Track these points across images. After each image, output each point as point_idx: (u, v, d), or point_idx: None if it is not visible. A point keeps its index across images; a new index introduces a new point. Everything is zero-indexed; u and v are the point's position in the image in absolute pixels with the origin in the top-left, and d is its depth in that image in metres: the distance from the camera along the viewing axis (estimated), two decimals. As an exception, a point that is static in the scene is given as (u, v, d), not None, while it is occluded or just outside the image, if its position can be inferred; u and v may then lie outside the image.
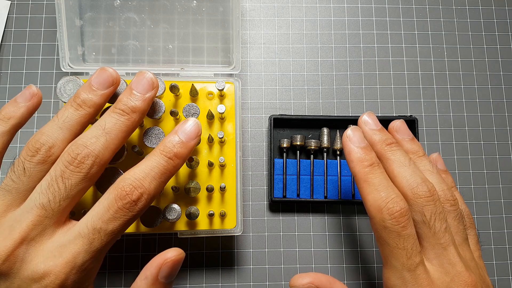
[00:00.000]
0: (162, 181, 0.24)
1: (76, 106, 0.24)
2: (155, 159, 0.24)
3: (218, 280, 0.35)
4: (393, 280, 0.25)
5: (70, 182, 0.22)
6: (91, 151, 0.23)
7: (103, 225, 0.22)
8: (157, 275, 0.23)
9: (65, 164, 0.22)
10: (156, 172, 0.23)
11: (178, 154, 0.24)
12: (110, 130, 0.24)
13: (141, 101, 0.25)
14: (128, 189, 0.22)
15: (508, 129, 0.39)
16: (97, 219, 0.22)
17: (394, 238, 0.24)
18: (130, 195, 0.22)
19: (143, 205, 0.23)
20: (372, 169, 0.26)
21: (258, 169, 0.37)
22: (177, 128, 0.25)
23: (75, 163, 0.22)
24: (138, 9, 0.36)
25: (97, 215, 0.22)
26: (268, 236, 0.36)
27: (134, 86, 0.25)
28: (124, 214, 0.22)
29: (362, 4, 0.41)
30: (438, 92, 0.40)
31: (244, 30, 0.40)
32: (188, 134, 0.25)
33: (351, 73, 0.40)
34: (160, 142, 0.25)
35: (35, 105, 0.26)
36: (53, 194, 0.22)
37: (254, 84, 0.39)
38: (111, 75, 0.25)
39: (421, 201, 0.25)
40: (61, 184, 0.22)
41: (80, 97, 0.25)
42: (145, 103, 0.25)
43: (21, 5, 0.38)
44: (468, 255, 0.26)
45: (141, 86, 0.25)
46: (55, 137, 0.23)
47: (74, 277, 0.22)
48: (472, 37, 0.41)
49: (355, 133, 0.28)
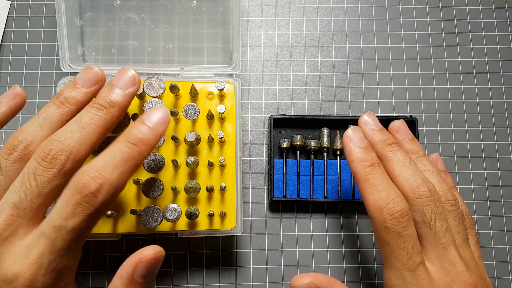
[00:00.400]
0: (126, 170, 0.22)
1: (59, 104, 0.24)
2: (118, 147, 0.22)
3: (218, 280, 0.35)
4: (394, 281, 0.25)
5: (42, 179, 0.21)
6: (65, 146, 0.22)
7: (62, 222, 0.20)
8: (133, 274, 0.21)
9: (37, 161, 0.21)
10: (119, 160, 0.21)
11: (145, 140, 0.22)
12: (87, 125, 0.23)
13: (121, 96, 0.24)
14: (85, 181, 0.20)
15: (508, 129, 0.39)
16: (57, 217, 0.21)
17: (395, 238, 0.24)
18: (88, 187, 0.20)
19: (104, 197, 0.21)
20: (372, 169, 0.26)
21: (258, 169, 0.37)
22: (142, 116, 0.24)
23: (48, 159, 0.21)
24: (138, 9, 0.36)
25: (56, 213, 0.21)
26: (268, 236, 0.36)
27: (115, 82, 0.25)
28: (84, 209, 0.20)
29: (362, 4, 0.41)
30: (438, 92, 0.40)
31: (244, 30, 0.40)
32: (155, 121, 0.23)
33: (351, 73, 0.40)
34: (124, 131, 0.24)
35: (18, 104, 0.26)
36: (25, 192, 0.21)
37: (254, 84, 0.39)
38: (96, 73, 0.25)
39: (421, 201, 0.25)
40: (33, 182, 0.21)
41: (64, 94, 0.24)
42: (125, 99, 0.24)
43: (21, 5, 0.38)
44: (469, 255, 0.26)
45: (122, 82, 0.25)
46: (34, 135, 0.23)
47: (43, 278, 0.21)
48: (472, 37, 0.41)
49: (355, 133, 0.27)
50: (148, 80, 0.30)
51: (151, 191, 0.29)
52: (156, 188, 0.29)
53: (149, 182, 0.29)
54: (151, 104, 0.30)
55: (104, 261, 0.35)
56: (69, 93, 0.24)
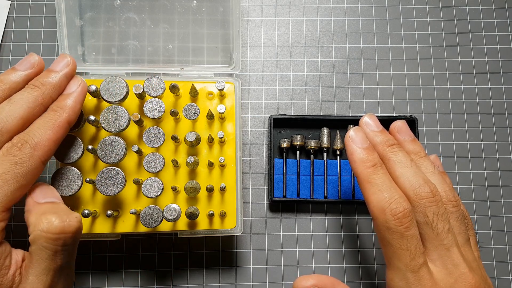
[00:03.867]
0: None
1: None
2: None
3: (218, 280, 0.35)
4: (397, 282, 0.25)
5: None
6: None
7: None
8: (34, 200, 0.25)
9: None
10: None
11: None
12: (16, 101, 0.25)
13: (53, 76, 0.26)
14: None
15: (508, 129, 0.39)
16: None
17: (397, 239, 0.24)
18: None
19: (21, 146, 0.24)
20: (374, 170, 0.26)
21: (258, 169, 0.37)
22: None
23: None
24: (138, 9, 0.36)
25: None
26: (268, 236, 0.36)
27: (50, 67, 0.27)
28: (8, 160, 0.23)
29: (362, 4, 0.41)
30: (438, 92, 0.40)
31: (244, 30, 0.40)
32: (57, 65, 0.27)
33: (351, 73, 0.40)
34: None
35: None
36: None
37: (254, 84, 0.39)
38: (33, 57, 0.27)
39: (423, 202, 0.25)
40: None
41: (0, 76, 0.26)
42: (57, 78, 0.26)
43: (21, 5, 0.38)
44: (471, 255, 0.26)
45: (55, 65, 0.27)
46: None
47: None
48: (472, 37, 0.41)
49: (357, 133, 0.27)
50: (148, 80, 0.30)
51: (151, 191, 0.29)
52: (156, 188, 0.29)
53: (149, 182, 0.29)
54: (151, 104, 0.30)
55: (104, 261, 0.35)
56: (4, 75, 0.26)
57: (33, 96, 0.25)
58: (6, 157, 0.23)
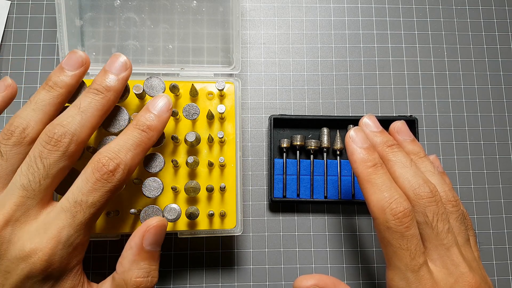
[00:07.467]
0: (138, 153, 0.25)
1: (48, 88, 0.25)
2: (129, 133, 0.25)
3: (218, 280, 0.35)
4: (397, 281, 0.25)
5: (48, 161, 0.23)
6: (67, 129, 0.23)
7: (83, 197, 0.23)
8: (142, 243, 0.24)
9: (42, 144, 0.23)
10: (131, 143, 0.25)
11: (151, 127, 0.26)
12: (86, 109, 0.24)
13: (115, 80, 0.26)
14: (104, 161, 0.23)
15: (508, 129, 0.39)
16: (77, 192, 0.23)
17: (398, 238, 0.24)
18: (107, 166, 0.23)
19: (121, 176, 0.24)
20: (375, 170, 0.26)
21: (258, 169, 0.37)
22: (148, 104, 0.27)
23: (52, 142, 0.23)
24: (138, 9, 0.36)
25: (77, 189, 0.23)
26: (268, 236, 0.36)
27: (108, 68, 0.26)
28: (103, 185, 0.23)
29: (362, 4, 0.41)
30: (438, 92, 0.40)
31: (244, 30, 0.40)
32: (159, 108, 0.26)
33: (351, 73, 0.40)
34: (133, 119, 0.26)
35: (9, 95, 0.26)
36: (33, 175, 0.22)
37: (254, 84, 0.39)
38: (80, 56, 0.26)
39: (423, 202, 0.25)
40: (40, 164, 0.23)
41: (52, 79, 0.25)
42: (119, 83, 0.26)
43: (21, 5, 0.38)
44: (471, 255, 0.26)
45: (114, 67, 0.26)
46: (28, 119, 0.24)
47: (61, 252, 0.22)
48: (472, 37, 0.41)
49: (357, 133, 0.28)
50: (148, 80, 0.30)
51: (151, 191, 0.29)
52: (156, 188, 0.29)
53: (149, 182, 0.29)
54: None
55: (104, 261, 0.35)
56: (56, 77, 0.25)
57: (100, 103, 0.25)
58: (100, 183, 0.23)
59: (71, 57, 0.26)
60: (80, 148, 0.24)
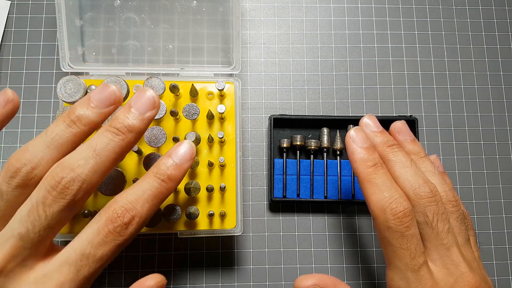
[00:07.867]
0: (155, 204, 0.23)
1: (69, 123, 0.22)
2: (149, 182, 0.23)
3: (218, 280, 0.35)
4: (397, 281, 0.25)
5: (51, 210, 0.20)
6: (77, 175, 0.20)
7: (92, 250, 0.20)
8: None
9: (47, 189, 0.20)
10: (149, 194, 0.22)
11: (172, 177, 0.23)
12: (101, 151, 0.21)
13: (139, 120, 0.22)
14: (120, 212, 0.21)
15: (508, 129, 0.39)
16: (87, 244, 0.20)
17: (398, 238, 0.24)
18: (122, 217, 0.21)
19: (134, 229, 0.21)
20: (375, 170, 0.26)
21: (258, 169, 0.37)
22: (171, 151, 0.24)
23: (59, 189, 0.20)
24: (138, 9, 0.36)
25: (86, 239, 0.20)
26: (268, 236, 0.36)
27: (133, 103, 0.23)
28: (114, 238, 0.21)
29: (362, 4, 0.41)
30: (438, 92, 0.40)
31: (244, 30, 0.40)
32: (182, 157, 0.24)
33: (351, 73, 0.40)
34: (154, 165, 0.24)
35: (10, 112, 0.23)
36: (33, 223, 0.20)
37: (254, 84, 0.39)
38: (114, 93, 0.23)
39: (423, 201, 0.25)
40: (42, 212, 0.20)
41: (75, 112, 0.22)
42: (143, 123, 0.23)
43: (21, 5, 0.38)
44: (471, 255, 0.26)
45: (140, 104, 0.23)
46: (40, 157, 0.21)
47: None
48: (472, 37, 0.41)
49: (358, 133, 0.27)
50: (148, 80, 0.30)
51: None
52: None
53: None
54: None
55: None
56: (82, 111, 0.22)
57: (119, 145, 0.22)
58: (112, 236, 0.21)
59: (103, 92, 0.23)
60: (89, 194, 0.22)
